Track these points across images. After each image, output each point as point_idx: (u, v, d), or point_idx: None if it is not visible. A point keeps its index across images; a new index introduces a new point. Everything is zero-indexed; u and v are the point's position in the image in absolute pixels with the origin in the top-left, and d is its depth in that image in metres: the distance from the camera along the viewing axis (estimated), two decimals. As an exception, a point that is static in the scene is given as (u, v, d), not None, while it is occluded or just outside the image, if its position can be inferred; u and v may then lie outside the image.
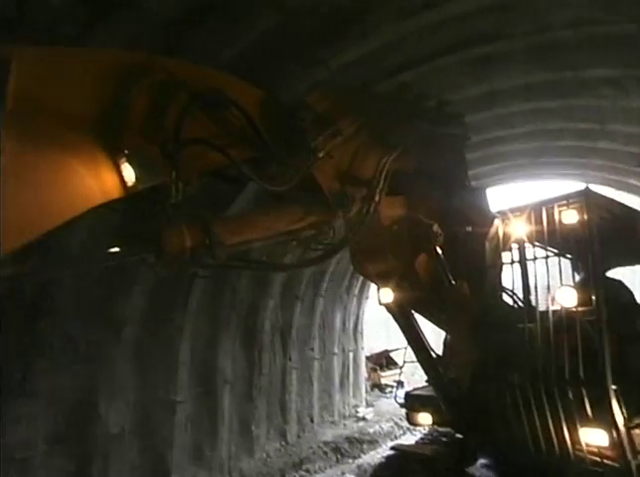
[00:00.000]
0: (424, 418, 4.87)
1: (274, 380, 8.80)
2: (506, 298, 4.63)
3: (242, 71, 4.90)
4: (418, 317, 4.64)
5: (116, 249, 2.16)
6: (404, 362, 5.74)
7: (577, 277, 4.63)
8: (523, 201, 4.57)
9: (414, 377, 10.18)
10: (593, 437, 3.59)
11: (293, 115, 2.75)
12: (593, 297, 3.74)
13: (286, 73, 5.56)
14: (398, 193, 3.75)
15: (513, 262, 4.52)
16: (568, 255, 4.92)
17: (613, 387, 3.51)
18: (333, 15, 5.05)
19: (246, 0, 4.54)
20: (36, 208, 1.81)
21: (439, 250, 3.86)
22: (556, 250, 4.51)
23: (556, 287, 4.03)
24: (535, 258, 4.42)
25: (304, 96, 5.69)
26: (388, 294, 3.96)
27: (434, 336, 5.39)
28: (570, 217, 4.02)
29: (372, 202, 3.16)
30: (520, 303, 4.51)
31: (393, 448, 5.51)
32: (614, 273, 5.16)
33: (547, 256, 4.36)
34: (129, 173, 1.97)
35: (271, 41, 5.04)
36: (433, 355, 4.60)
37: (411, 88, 3.99)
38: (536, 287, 4.40)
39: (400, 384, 7.20)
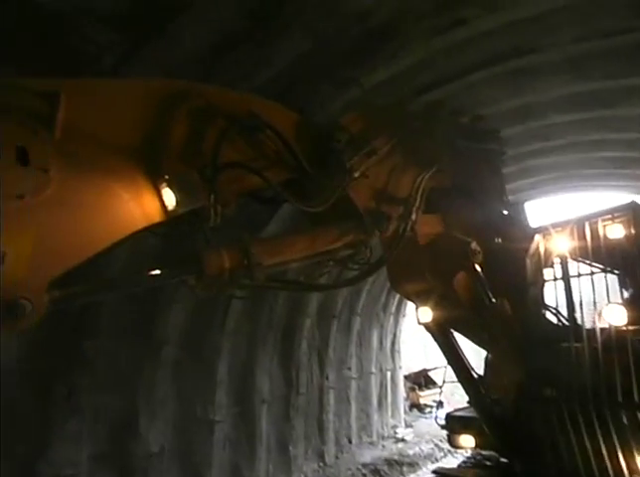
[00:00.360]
0: (467, 441, 4.71)
1: (312, 399, 8.75)
2: (549, 316, 4.48)
3: (276, 93, 5.01)
4: (458, 336, 4.54)
5: (157, 272, 2.20)
6: (444, 381, 5.60)
7: (626, 294, 4.44)
8: (564, 215, 4.45)
9: (454, 396, 9.92)
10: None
11: (328, 137, 2.77)
12: (645, 315, 3.58)
13: (319, 93, 5.64)
14: (434, 211, 3.71)
15: (556, 279, 4.38)
16: (615, 271, 4.74)
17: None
18: (364, 35, 5.10)
19: (279, 25, 4.63)
20: (81, 232, 1.87)
21: (478, 268, 3.77)
22: (601, 266, 4.35)
23: (602, 304, 3.88)
24: (579, 275, 4.27)
25: (337, 116, 5.75)
26: (426, 313, 3.89)
27: (474, 355, 5.26)
28: (616, 231, 3.88)
29: (408, 220, 3.13)
30: (564, 321, 4.35)
31: (434, 472, 5.34)
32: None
33: (592, 273, 4.20)
34: (170, 197, 2.03)
35: (304, 63, 5.13)
36: (474, 375, 4.47)
37: (444, 105, 3.97)
38: (581, 305, 4.24)
39: (439, 404, 7.03)
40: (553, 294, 4.38)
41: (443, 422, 5.09)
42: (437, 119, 3.83)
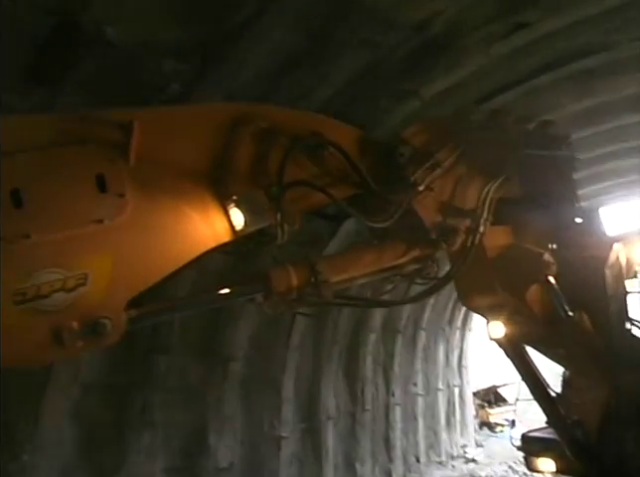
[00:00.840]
0: (546, 464, 4.44)
1: (378, 416, 8.61)
2: (635, 331, 4.17)
3: (336, 110, 5.04)
4: (531, 351, 4.32)
5: (227, 290, 2.25)
6: (517, 399, 5.33)
7: None
8: (645, 222, 4.16)
9: (527, 415, 9.45)
10: None
11: (391, 151, 2.74)
12: None
13: (378, 108, 5.64)
14: (503, 222, 3.57)
15: (640, 292, 4.09)
16: None
17: None
18: (421, 47, 5.07)
19: (336, 42, 4.68)
20: (156, 253, 1.95)
21: (552, 280, 3.58)
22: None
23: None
24: (665, 286, 3.97)
25: (397, 130, 5.71)
26: (498, 328, 3.72)
27: (548, 371, 4.98)
28: None
29: (476, 233, 3.03)
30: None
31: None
32: None
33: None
34: (238, 217, 2.08)
35: (362, 78, 5.15)
36: (552, 393, 4.22)
37: (509, 112, 3.84)
38: (669, 318, 3.93)
39: (512, 423, 6.71)
40: (637, 308, 4.09)
41: (519, 443, 4.84)
42: (502, 127, 3.71)
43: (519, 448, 4.86)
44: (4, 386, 4.11)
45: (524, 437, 4.83)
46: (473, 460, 10.44)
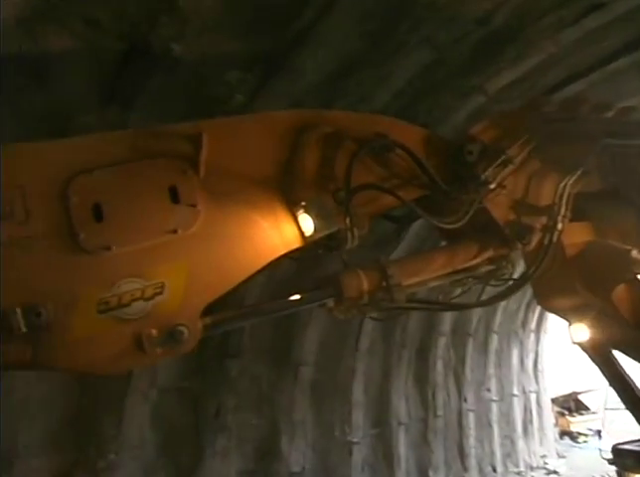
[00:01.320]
0: (643, 480, 4.11)
1: (450, 422, 8.37)
2: None
3: (398, 111, 4.98)
4: (618, 354, 4.02)
5: (298, 296, 2.26)
6: (605, 408, 4.98)
7: None
8: None
9: (614, 425, 8.83)
10: None
11: (459, 149, 2.65)
12: None
13: (441, 106, 5.51)
14: (583, 218, 3.36)
15: None
16: None
17: None
18: (485, 41, 4.90)
19: (396, 42, 4.62)
20: (228, 261, 1.99)
21: (642, 279, 3.32)
22: None
23: None
24: None
25: (462, 127, 5.56)
26: (581, 331, 3.49)
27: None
28: None
29: (554, 230, 2.86)
30: None
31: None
32: None
33: None
34: (307, 223, 2.08)
35: (424, 77, 5.06)
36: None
37: (583, 101, 3.61)
38: None
39: (598, 433, 6.27)
40: None
41: (610, 456, 4.49)
42: (577, 118, 3.50)
43: (610, 462, 4.52)
44: (90, 390, 4.36)
45: (616, 450, 4.48)
46: (555, 472, 9.86)
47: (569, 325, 3.54)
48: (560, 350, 13.67)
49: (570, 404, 13.22)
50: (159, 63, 3.65)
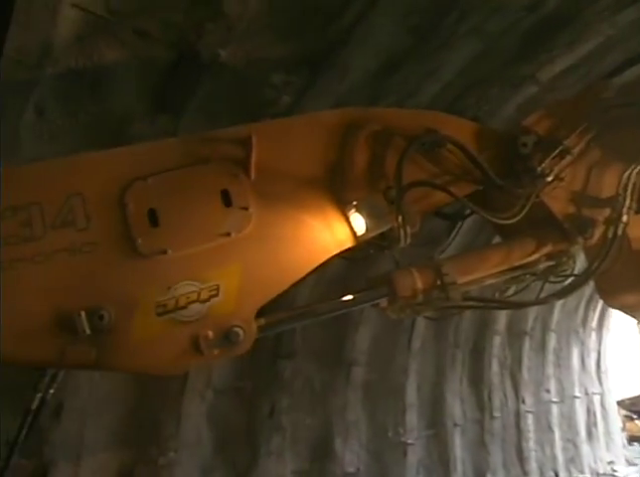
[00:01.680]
0: None
1: (508, 424, 8.12)
2: None
3: (445, 105, 4.88)
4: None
5: (350, 297, 2.25)
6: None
7: None
8: None
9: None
10: None
11: (513, 142, 2.57)
12: None
13: (490, 98, 5.35)
14: (649, 209, 3.18)
15: None
16: None
17: None
18: (535, 27, 4.72)
19: (442, 35, 4.52)
20: (281, 263, 2.01)
21: None
22: None
23: None
24: None
25: (513, 119, 5.38)
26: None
27: None
28: None
29: (618, 223, 2.72)
30: None
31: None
32: None
33: None
34: (359, 222, 2.07)
35: (471, 69, 4.92)
36: None
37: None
38: None
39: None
40: None
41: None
42: (638, 102, 3.31)
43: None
44: (149, 390, 4.50)
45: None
46: (626, 481, 9.35)
47: (638, 323, 3.36)
48: (625, 349, 13.01)
49: (639, 407, 12.49)
50: (206, 69, 3.72)
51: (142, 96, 3.69)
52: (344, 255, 2.32)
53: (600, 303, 9.03)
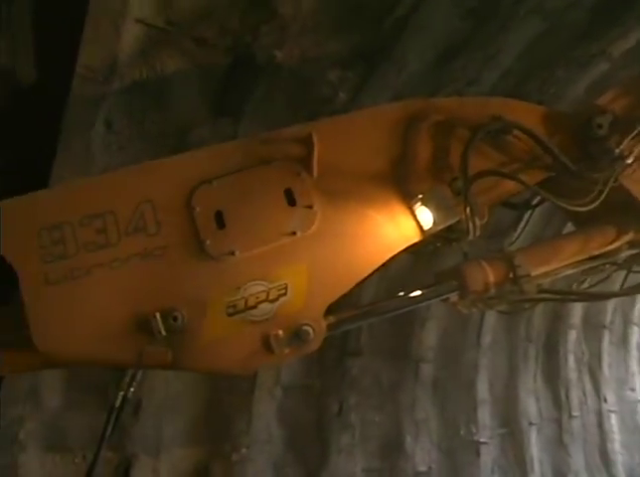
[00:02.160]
0: None
1: (588, 424, 7.69)
2: None
3: (508, 89, 4.69)
4: None
5: (419, 292, 2.20)
6: None
7: None
8: None
9: None
10: None
11: (586, 123, 2.42)
12: None
13: (556, 80, 5.09)
14: None
15: None
16: None
17: None
18: (602, 3, 4.45)
19: (502, 17, 4.34)
20: (348, 260, 2.00)
21: None
22: None
23: None
24: None
25: (582, 100, 5.09)
26: None
27: None
28: None
29: None
30: None
31: None
32: None
33: None
34: (425, 216, 2.03)
35: (534, 51, 4.70)
36: None
37: None
38: None
39: None
40: None
41: None
42: None
43: None
44: (220, 388, 4.63)
45: None
46: None
47: None
48: None
49: None
50: (263, 71, 3.77)
51: (202, 102, 3.79)
52: (410, 250, 2.27)
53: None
